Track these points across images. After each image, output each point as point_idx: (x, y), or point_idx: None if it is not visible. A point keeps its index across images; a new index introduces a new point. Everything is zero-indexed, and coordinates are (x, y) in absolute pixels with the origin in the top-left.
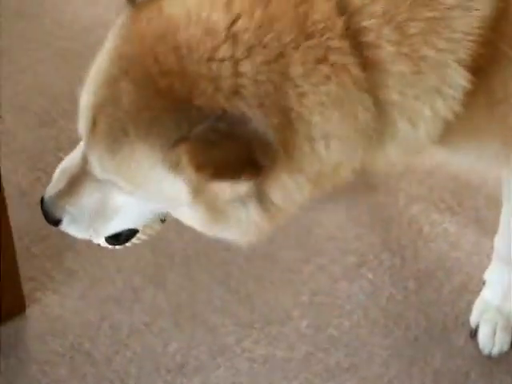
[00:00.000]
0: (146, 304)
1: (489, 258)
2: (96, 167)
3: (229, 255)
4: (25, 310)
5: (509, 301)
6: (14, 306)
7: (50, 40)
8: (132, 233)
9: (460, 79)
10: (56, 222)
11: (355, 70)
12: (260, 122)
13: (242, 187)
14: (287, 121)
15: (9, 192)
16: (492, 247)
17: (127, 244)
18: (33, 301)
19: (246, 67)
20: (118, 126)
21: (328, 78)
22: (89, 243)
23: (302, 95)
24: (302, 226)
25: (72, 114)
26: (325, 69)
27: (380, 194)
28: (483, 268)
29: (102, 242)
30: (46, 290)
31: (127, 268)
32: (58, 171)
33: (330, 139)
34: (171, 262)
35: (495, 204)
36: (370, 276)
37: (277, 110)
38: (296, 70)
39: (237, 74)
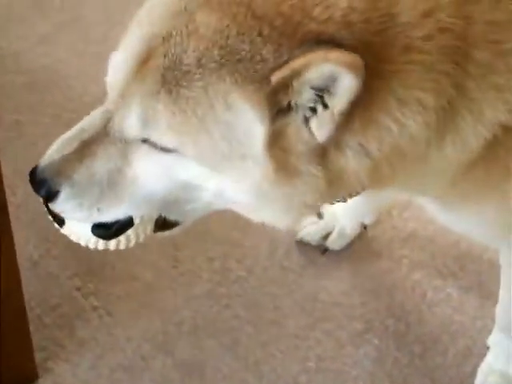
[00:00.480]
0: (155, 372)
1: (492, 321)
2: (132, 120)
3: (236, 323)
4: (37, 380)
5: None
6: (26, 376)
7: (61, 112)
8: (124, 226)
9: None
10: (50, 195)
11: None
12: None
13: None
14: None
15: (21, 263)
16: (494, 311)
17: (112, 244)
18: (45, 370)
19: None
20: (188, 59)
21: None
22: (100, 313)
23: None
24: (308, 293)
25: None
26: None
27: (383, 261)
28: (487, 332)
29: (78, 236)
30: (58, 359)
31: (136, 336)
32: (59, 140)
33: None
34: (179, 330)
35: (497, 267)
36: (376, 341)
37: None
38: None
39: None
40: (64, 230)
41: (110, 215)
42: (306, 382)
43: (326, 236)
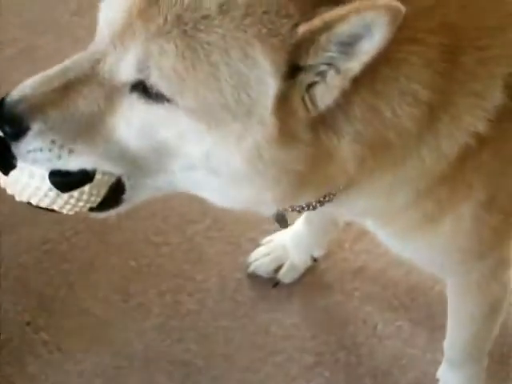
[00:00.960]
0: None
1: (442, 353)
2: (129, 60)
3: (188, 356)
4: None
5: None
6: None
7: None
8: (83, 179)
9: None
10: (18, 132)
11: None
12: None
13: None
14: None
15: None
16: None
17: (59, 202)
18: None
19: None
20: (209, 2)
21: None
22: (50, 348)
23: None
24: (259, 326)
25: None
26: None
27: (335, 293)
28: (437, 364)
29: (22, 187)
30: None
31: (88, 371)
32: (36, 77)
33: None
34: (131, 364)
35: (447, 300)
36: (327, 374)
37: None
38: None
39: None
40: (4, 180)
41: (78, 161)
42: None
43: (278, 269)
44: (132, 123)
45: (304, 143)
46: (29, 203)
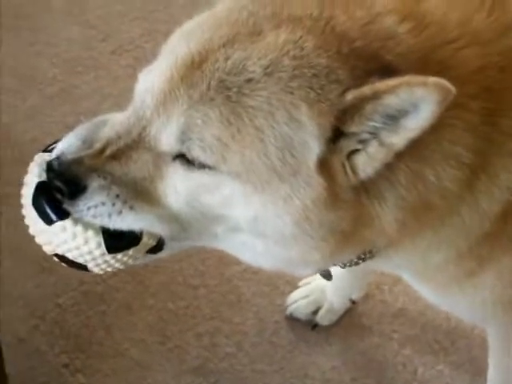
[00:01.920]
0: None
1: None
2: (171, 131)
3: None
4: None
5: None
6: None
7: None
8: (132, 241)
9: None
10: (76, 189)
11: None
12: None
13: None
14: None
15: (6, 339)
16: None
17: (105, 264)
18: None
19: None
20: (253, 66)
21: None
22: None
23: None
24: (298, 370)
25: None
26: None
27: (373, 336)
28: None
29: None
30: None
31: None
32: (79, 136)
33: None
34: None
35: (487, 343)
36: None
37: None
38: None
39: None
40: (36, 229)
41: (135, 219)
42: None
43: (316, 311)
44: (178, 189)
45: (348, 205)
46: (58, 256)
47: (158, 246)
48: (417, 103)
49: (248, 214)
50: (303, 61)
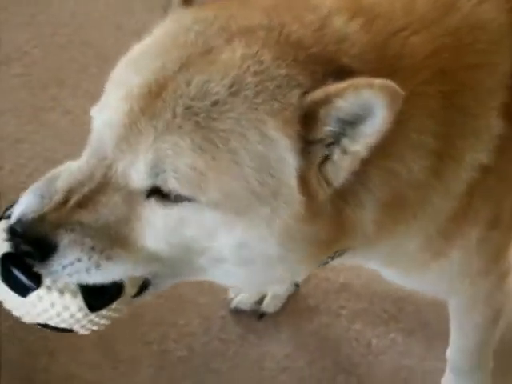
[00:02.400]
0: None
1: (440, 360)
2: (140, 166)
3: None
4: None
5: None
6: None
7: None
8: (115, 294)
9: None
10: (46, 249)
11: None
12: None
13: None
14: None
15: None
16: (442, 348)
17: (104, 314)
18: None
19: None
20: (216, 87)
21: None
22: None
23: None
24: (253, 362)
25: None
26: None
27: (322, 316)
28: (437, 372)
29: (45, 309)
30: None
31: None
32: (34, 191)
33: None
34: None
35: (435, 304)
36: None
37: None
38: None
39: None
40: (7, 300)
41: (114, 269)
42: None
43: (260, 300)
44: (156, 228)
45: (327, 215)
46: (41, 324)
47: (143, 286)
48: (368, 107)
49: (232, 242)
50: (264, 75)
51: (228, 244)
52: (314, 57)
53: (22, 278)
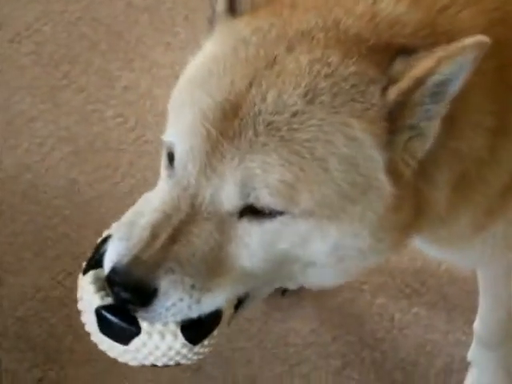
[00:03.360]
0: None
1: (464, 333)
2: (229, 189)
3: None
4: None
5: (499, 377)
6: None
7: None
8: (213, 322)
9: None
10: (147, 294)
11: None
12: None
13: None
14: None
15: None
16: (464, 321)
17: (202, 347)
18: None
19: None
20: (291, 98)
21: None
22: None
23: None
24: (277, 339)
25: None
26: None
27: (344, 291)
28: (461, 345)
29: (150, 351)
30: None
31: None
32: (124, 233)
33: None
34: None
35: (456, 277)
36: (356, 376)
37: None
38: None
39: None
40: (107, 347)
41: (213, 300)
42: None
43: None
44: (252, 247)
45: (410, 199)
46: (147, 365)
47: (239, 302)
48: (462, 69)
49: (327, 246)
50: (335, 77)
51: (323, 249)
52: (375, 47)
53: (124, 325)
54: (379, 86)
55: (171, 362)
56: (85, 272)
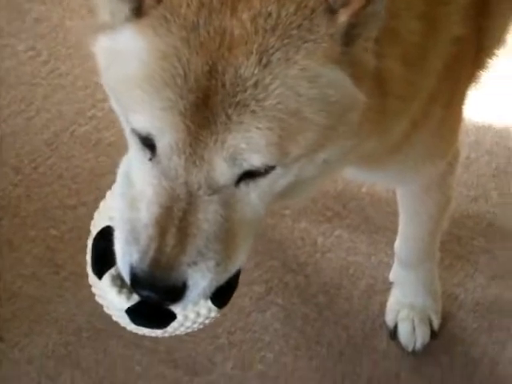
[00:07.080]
0: None
1: (386, 254)
2: (222, 167)
3: None
4: None
5: (420, 296)
6: None
7: None
8: (236, 276)
9: None
10: (178, 292)
11: None
12: None
13: None
14: None
15: None
16: (386, 243)
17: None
18: None
19: None
20: (248, 69)
21: None
22: None
23: None
24: None
25: None
26: None
27: (266, 217)
28: (384, 266)
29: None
30: None
31: (37, 356)
32: (124, 235)
33: None
34: (79, 337)
35: (378, 199)
36: (280, 301)
37: None
38: None
39: None
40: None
41: (237, 261)
42: (222, 360)
43: None
44: (252, 203)
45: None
46: None
47: None
48: None
49: (317, 167)
50: (281, 26)
51: (314, 171)
52: None
53: (158, 317)
54: (323, 13)
55: (201, 327)
56: (100, 275)
